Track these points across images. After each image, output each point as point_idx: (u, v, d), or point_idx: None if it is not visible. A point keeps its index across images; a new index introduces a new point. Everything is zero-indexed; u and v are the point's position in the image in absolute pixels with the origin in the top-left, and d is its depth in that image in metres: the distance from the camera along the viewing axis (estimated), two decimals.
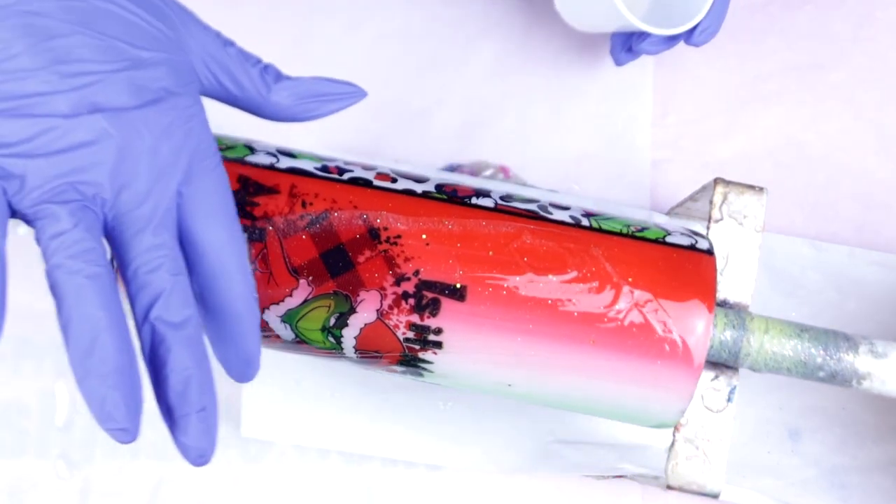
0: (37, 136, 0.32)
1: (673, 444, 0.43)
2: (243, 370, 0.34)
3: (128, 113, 0.33)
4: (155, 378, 0.32)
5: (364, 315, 0.40)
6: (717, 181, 0.45)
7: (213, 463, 0.52)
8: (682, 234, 0.42)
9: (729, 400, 0.43)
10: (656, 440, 0.51)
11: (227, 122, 0.43)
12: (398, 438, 0.52)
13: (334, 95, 0.38)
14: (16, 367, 0.53)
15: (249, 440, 0.52)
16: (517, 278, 0.40)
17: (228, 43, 0.37)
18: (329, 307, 0.39)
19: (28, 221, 0.33)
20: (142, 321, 0.32)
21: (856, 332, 0.44)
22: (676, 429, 0.43)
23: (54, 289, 0.31)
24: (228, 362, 0.34)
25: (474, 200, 0.41)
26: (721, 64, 0.56)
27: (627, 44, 0.51)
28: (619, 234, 0.41)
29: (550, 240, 0.40)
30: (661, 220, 0.46)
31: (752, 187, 0.45)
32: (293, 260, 0.39)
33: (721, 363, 0.43)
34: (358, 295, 0.39)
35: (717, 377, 0.43)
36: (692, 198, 0.50)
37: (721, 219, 0.45)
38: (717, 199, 0.45)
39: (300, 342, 0.41)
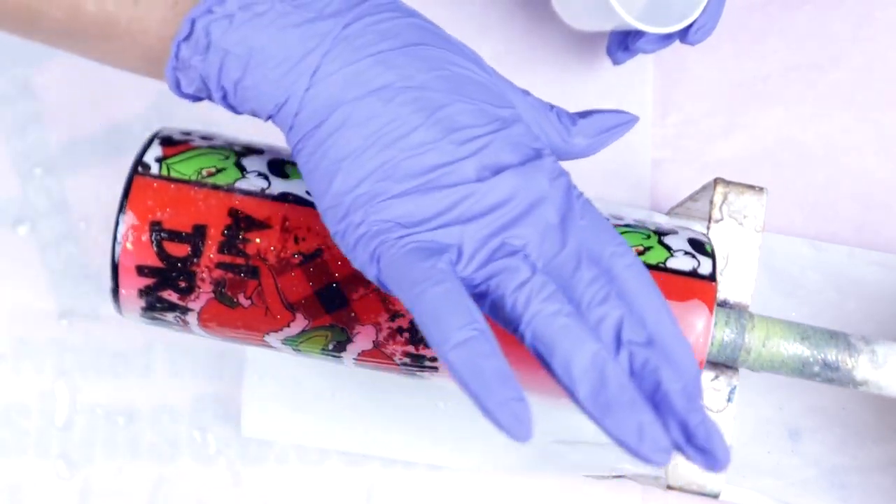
0: (456, 205, 0.32)
1: None
2: (695, 385, 0.33)
3: (520, 168, 0.34)
4: (651, 400, 0.32)
5: (361, 344, 0.40)
6: (717, 181, 0.45)
7: (212, 463, 0.52)
8: (686, 253, 0.42)
9: (729, 400, 0.43)
10: None
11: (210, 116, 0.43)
12: (398, 438, 0.52)
13: (619, 127, 0.38)
14: (16, 367, 0.53)
15: (249, 440, 0.52)
16: None
17: (525, 92, 0.37)
18: (327, 337, 0.39)
19: (476, 286, 0.32)
20: (617, 348, 0.32)
21: (855, 332, 0.44)
22: None
23: (538, 337, 0.31)
24: (674, 384, 0.32)
25: None
26: (721, 64, 0.56)
27: (624, 43, 0.51)
28: None
29: None
30: (662, 220, 0.45)
31: (752, 187, 0.45)
32: (288, 296, 0.39)
33: (721, 363, 0.43)
34: (354, 329, 0.39)
35: (717, 377, 0.43)
36: (692, 198, 0.50)
37: (721, 219, 0.45)
38: (718, 199, 0.45)
39: (301, 353, 0.41)
